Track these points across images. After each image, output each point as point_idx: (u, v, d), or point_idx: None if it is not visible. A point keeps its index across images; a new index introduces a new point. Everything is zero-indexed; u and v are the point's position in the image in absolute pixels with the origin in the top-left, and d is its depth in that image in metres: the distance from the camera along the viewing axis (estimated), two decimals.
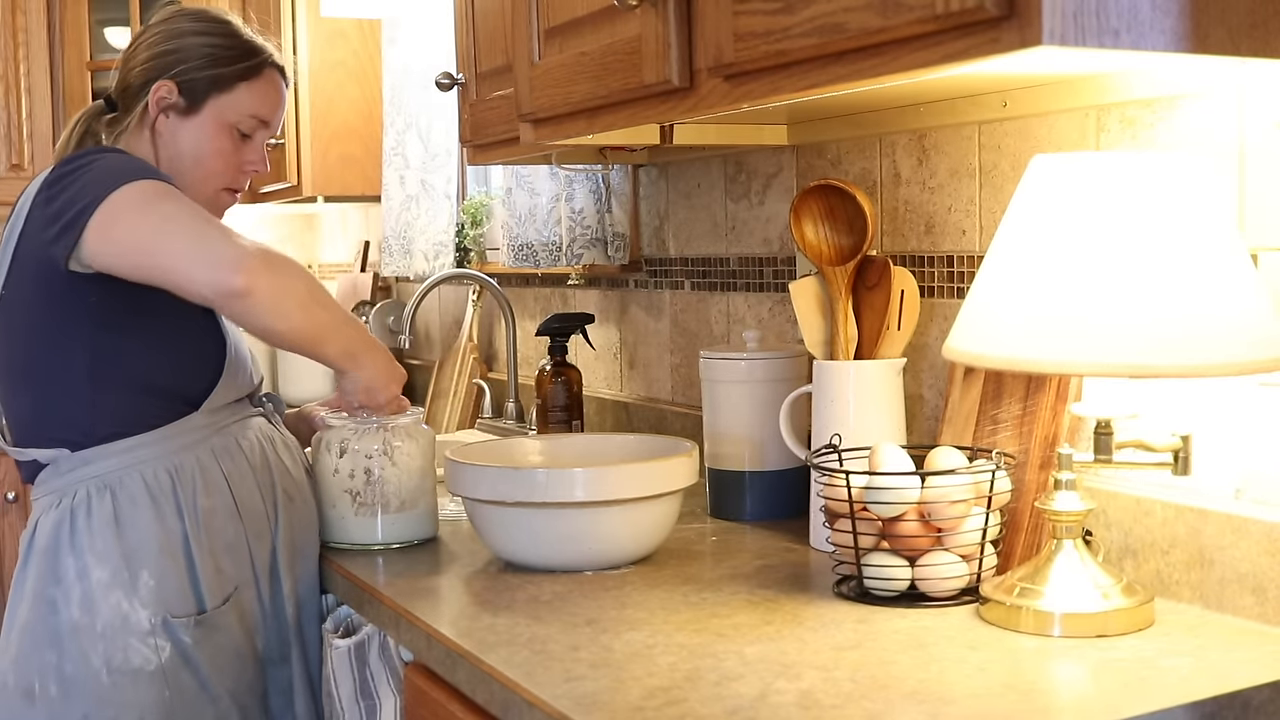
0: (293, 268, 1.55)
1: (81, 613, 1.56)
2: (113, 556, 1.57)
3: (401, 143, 3.09)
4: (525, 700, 1.15)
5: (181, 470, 1.62)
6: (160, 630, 1.57)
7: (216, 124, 1.75)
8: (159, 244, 1.50)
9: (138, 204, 1.52)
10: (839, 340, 1.64)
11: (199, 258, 1.49)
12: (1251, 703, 1.12)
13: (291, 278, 1.53)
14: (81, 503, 1.59)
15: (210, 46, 1.74)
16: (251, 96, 1.76)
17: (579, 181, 2.43)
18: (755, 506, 1.82)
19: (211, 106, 1.74)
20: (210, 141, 1.75)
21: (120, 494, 1.59)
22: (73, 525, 1.58)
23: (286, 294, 1.52)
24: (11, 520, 3.21)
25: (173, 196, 1.55)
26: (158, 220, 1.51)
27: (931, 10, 1.05)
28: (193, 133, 1.74)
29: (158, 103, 1.73)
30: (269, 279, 1.49)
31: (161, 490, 1.60)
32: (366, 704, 1.57)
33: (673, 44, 1.41)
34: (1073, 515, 1.31)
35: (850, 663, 1.20)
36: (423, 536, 1.76)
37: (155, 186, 1.55)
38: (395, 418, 1.75)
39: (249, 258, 1.49)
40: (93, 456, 1.60)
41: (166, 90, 1.72)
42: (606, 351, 2.56)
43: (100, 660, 1.56)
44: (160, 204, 1.53)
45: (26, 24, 3.40)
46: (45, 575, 1.58)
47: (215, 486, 1.64)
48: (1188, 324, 1.14)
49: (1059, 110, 1.51)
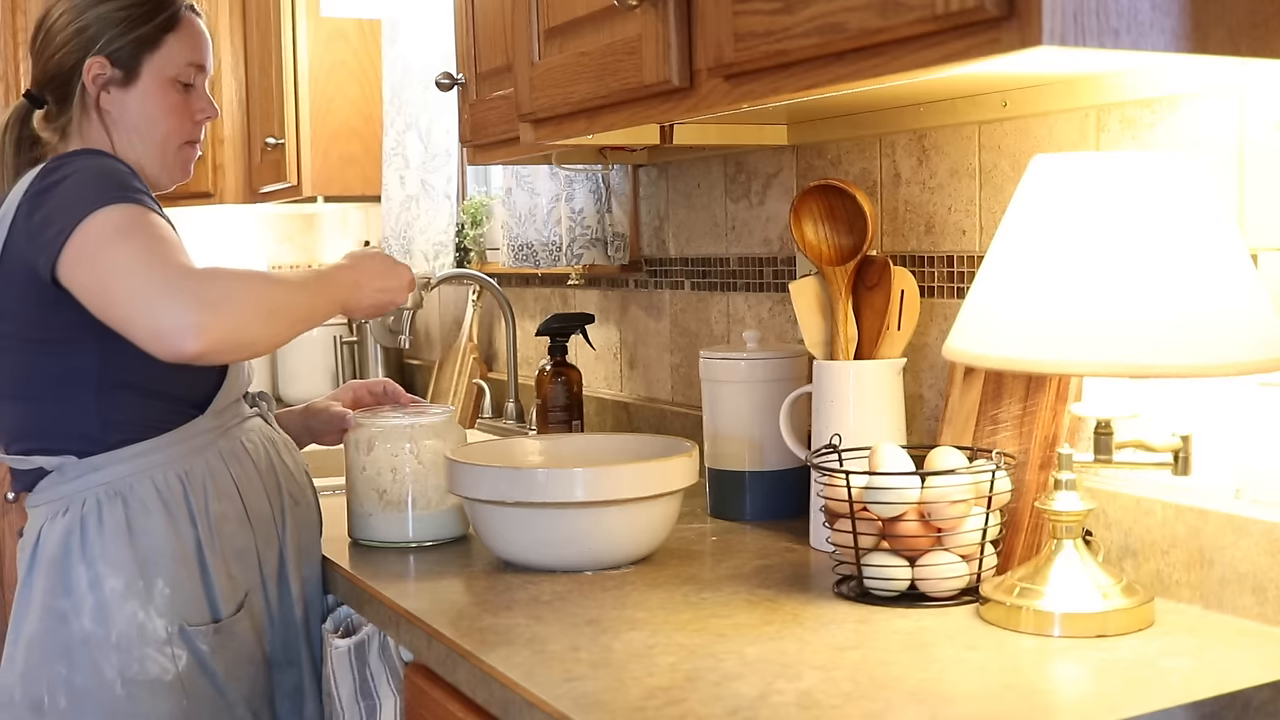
0: (237, 289, 1.46)
1: (94, 624, 1.54)
2: (127, 565, 1.55)
3: (401, 143, 3.09)
4: (525, 700, 1.15)
5: (191, 475, 1.60)
6: (177, 639, 1.56)
7: (159, 83, 1.70)
8: (110, 304, 1.46)
9: (95, 248, 1.47)
10: (839, 340, 1.64)
11: (148, 327, 1.43)
12: (1251, 703, 1.12)
13: (239, 305, 1.45)
14: (92, 510, 1.56)
15: (123, 10, 1.68)
16: (181, 45, 1.71)
17: (579, 181, 2.43)
18: (755, 506, 1.82)
19: (148, 68, 1.69)
20: (159, 102, 1.70)
21: (132, 501, 1.57)
22: (83, 534, 1.55)
23: (242, 327, 1.45)
24: (11, 520, 3.20)
25: (131, 232, 1.47)
26: (107, 274, 1.46)
27: (931, 10, 1.05)
28: (139, 99, 1.69)
29: (94, 81, 1.67)
30: (219, 325, 1.42)
31: (173, 496, 1.59)
32: (366, 704, 1.57)
33: (673, 44, 1.41)
34: (1073, 515, 1.31)
35: (850, 663, 1.20)
36: (452, 535, 1.76)
37: (118, 219, 1.48)
38: (425, 415, 1.75)
39: (192, 313, 1.41)
40: (101, 463, 1.57)
41: (99, 66, 1.67)
42: (606, 351, 2.56)
43: (114, 671, 1.53)
44: (116, 248, 1.46)
45: (26, 24, 3.40)
46: (54, 586, 1.55)
47: (225, 491, 1.63)
48: (1188, 324, 1.14)
49: (1059, 110, 1.51)
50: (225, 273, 1.48)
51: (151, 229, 1.49)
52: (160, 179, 1.73)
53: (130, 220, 1.49)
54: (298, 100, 3.23)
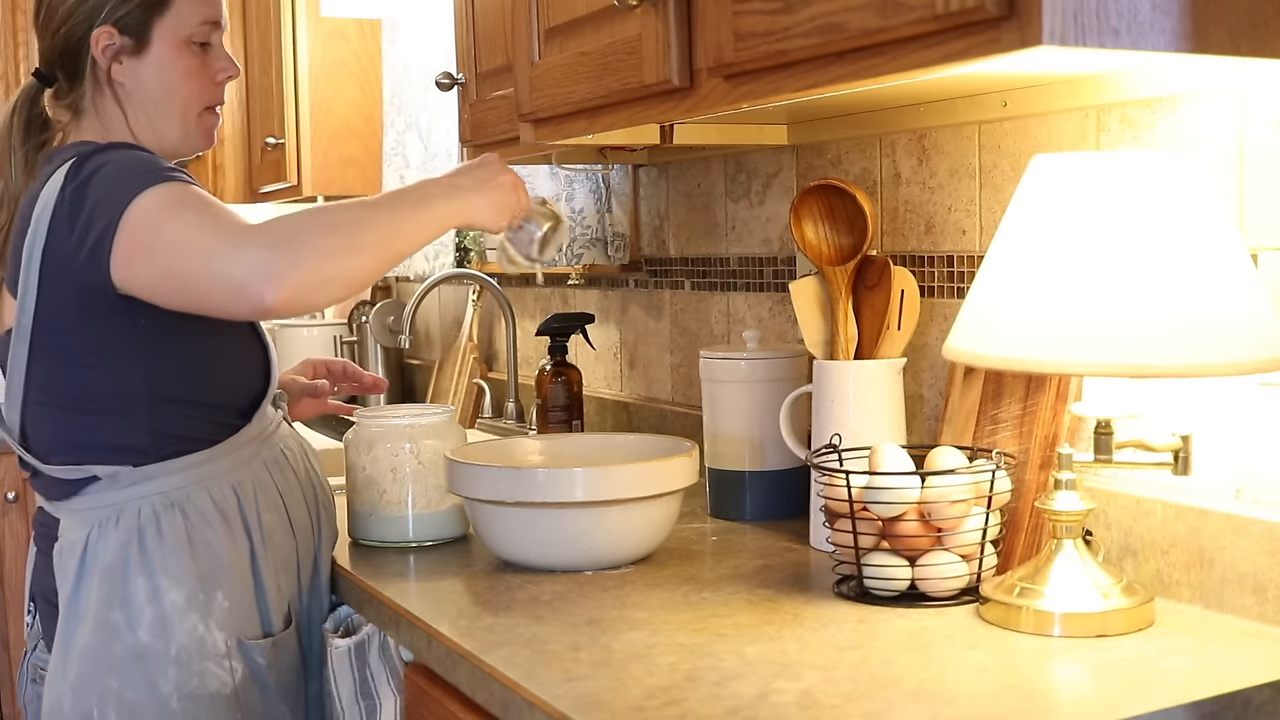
0: (306, 223, 1.38)
1: (152, 637, 1.49)
2: (188, 578, 1.50)
3: (401, 143, 3.09)
4: (525, 700, 1.15)
5: (243, 486, 1.57)
6: (235, 652, 1.52)
7: (173, 47, 1.60)
8: (179, 285, 1.40)
9: (146, 235, 1.40)
10: (839, 340, 1.64)
11: (223, 290, 1.36)
12: (1251, 702, 1.12)
13: (312, 238, 1.36)
14: (149, 521, 1.50)
15: None
16: (192, 3, 1.61)
17: (579, 181, 2.43)
18: (755, 506, 1.82)
19: (159, 32, 1.59)
20: (175, 67, 1.60)
21: (190, 512, 1.52)
22: (142, 545, 1.50)
23: (324, 261, 1.36)
24: (11, 520, 3.20)
25: (178, 208, 1.41)
26: (166, 256, 1.40)
27: (931, 10, 1.05)
28: (153, 67, 1.60)
29: (104, 52, 1.58)
30: (298, 265, 1.34)
31: (229, 507, 1.55)
32: (366, 704, 1.57)
33: (673, 44, 1.41)
34: (1073, 515, 1.31)
35: (850, 663, 1.20)
36: (452, 534, 1.76)
37: (160, 199, 1.42)
38: (425, 415, 1.75)
39: (264, 261, 1.34)
40: (156, 472, 1.51)
41: (107, 36, 1.57)
42: (606, 351, 2.56)
43: (170, 686, 1.49)
44: (167, 227, 1.40)
45: (26, 24, 3.40)
46: (109, 597, 1.49)
47: (272, 502, 1.60)
48: (1188, 324, 1.14)
49: (1059, 110, 1.51)
50: (290, 215, 1.40)
51: (196, 199, 1.43)
52: (181, 149, 1.65)
53: (172, 197, 1.42)
54: (297, 100, 3.23)
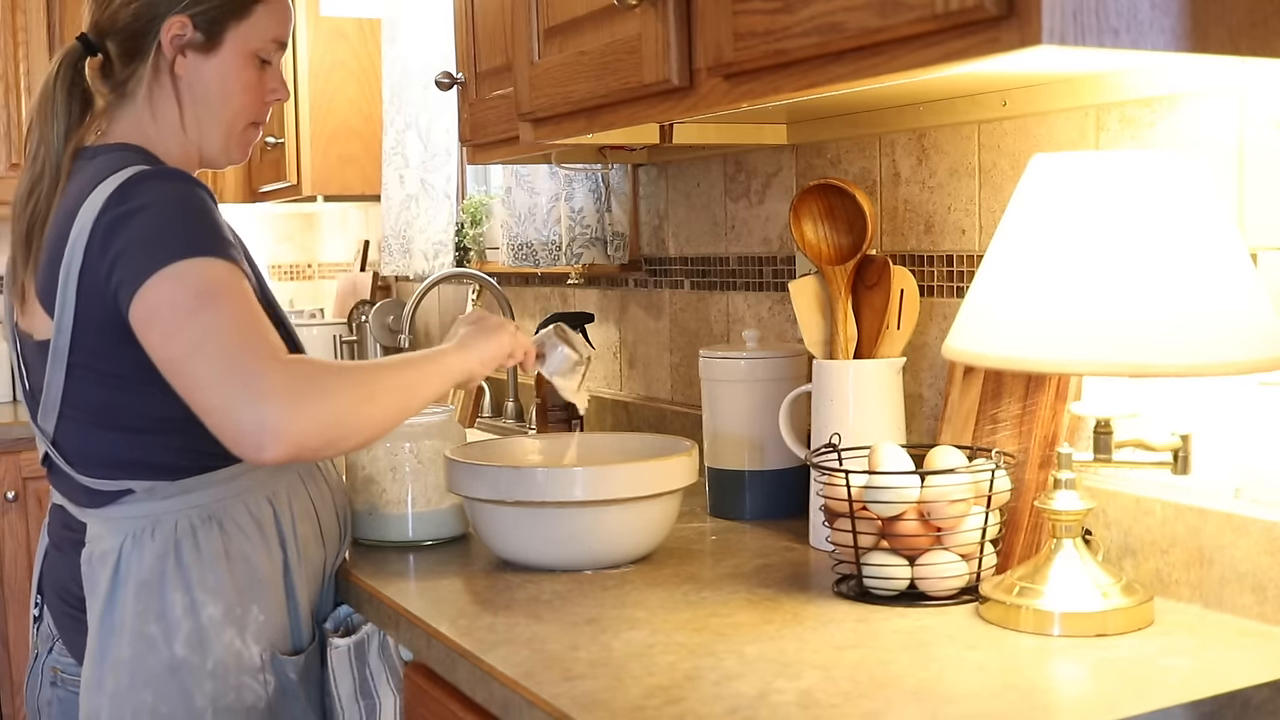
0: (319, 385, 1.32)
1: (189, 651, 1.46)
2: (225, 592, 1.48)
3: (401, 142, 3.09)
4: (525, 699, 1.15)
5: (278, 497, 1.54)
6: (269, 666, 1.51)
7: (241, 56, 1.56)
8: (185, 386, 1.35)
9: (170, 312, 1.34)
10: (838, 340, 1.64)
11: (228, 427, 1.31)
12: (1251, 702, 1.12)
13: (327, 399, 1.32)
14: (186, 534, 1.48)
15: None
16: (270, 18, 1.58)
17: (579, 181, 2.43)
18: (755, 506, 1.82)
19: (232, 37, 1.55)
20: (237, 77, 1.57)
21: (228, 525, 1.50)
22: (178, 558, 1.47)
23: (335, 421, 1.33)
24: (12, 520, 3.20)
25: (214, 300, 1.34)
26: (184, 351, 1.33)
27: (931, 10, 1.05)
28: (217, 69, 1.55)
29: (173, 42, 1.52)
30: (305, 425, 1.30)
31: (265, 520, 1.53)
32: (366, 703, 1.57)
33: (672, 43, 1.41)
34: (1072, 514, 1.31)
35: (850, 662, 1.20)
36: (452, 534, 1.76)
37: (200, 279, 1.35)
38: (424, 415, 1.74)
39: (275, 415, 1.29)
40: (194, 485, 1.49)
41: (180, 26, 1.52)
42: (606, 351, 2.56)
43: (206, 700, 1.47)
44: (196, 319, 1.33)
45: (26, 23, 3.40)
46: (145, 610, 1.46)
47: (305, 512, 1.58)
48: (1188, 324, 1.14)
49: (1059, 110, 1.51)
50: (316, 366, 1.35)
51: (232, 295, 1.35)
52: (218, 159, 1.62)
53: (214, 283, 1.35)
54: (297, 100, 3.24)
